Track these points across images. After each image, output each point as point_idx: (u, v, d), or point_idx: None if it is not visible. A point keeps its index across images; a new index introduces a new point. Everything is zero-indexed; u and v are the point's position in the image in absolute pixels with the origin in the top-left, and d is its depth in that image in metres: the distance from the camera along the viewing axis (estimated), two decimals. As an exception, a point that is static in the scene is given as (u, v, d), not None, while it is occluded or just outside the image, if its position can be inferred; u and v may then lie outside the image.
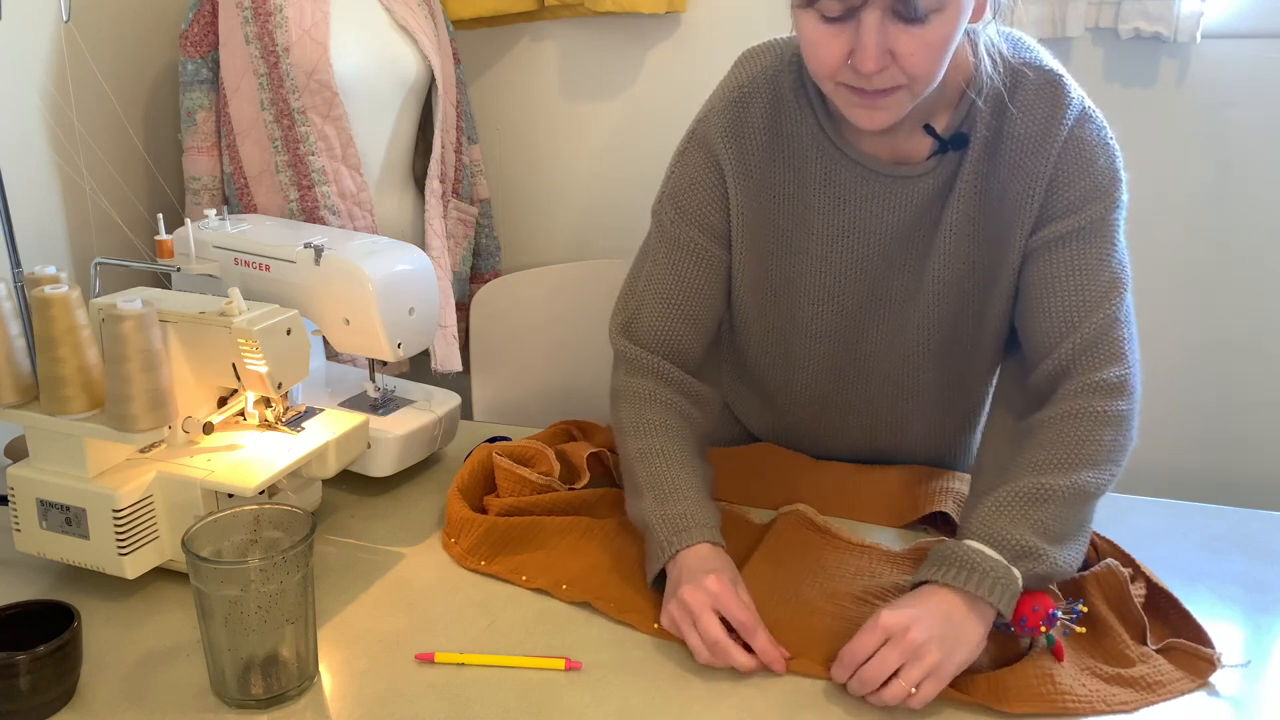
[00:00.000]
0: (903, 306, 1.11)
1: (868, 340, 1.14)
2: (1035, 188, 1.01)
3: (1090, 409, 0.97)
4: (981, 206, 1.05)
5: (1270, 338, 1.85)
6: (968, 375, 1.18)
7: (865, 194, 1.07)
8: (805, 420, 1.24)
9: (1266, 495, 1.90)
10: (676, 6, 1.89)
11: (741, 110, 1.08)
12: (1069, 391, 0.99)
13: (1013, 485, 0.94)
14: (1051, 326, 1.02)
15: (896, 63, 0.91)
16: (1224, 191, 1.81)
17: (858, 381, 1.18)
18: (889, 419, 1.21)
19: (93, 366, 0.95)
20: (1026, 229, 1.03)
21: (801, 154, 1.08)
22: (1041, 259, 1.03)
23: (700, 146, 1.10)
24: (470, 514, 1.09)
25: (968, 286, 1.09)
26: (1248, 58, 1.73)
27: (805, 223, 1.10)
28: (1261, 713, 0.87)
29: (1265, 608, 1.00)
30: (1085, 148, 1.00)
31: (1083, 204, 1.00)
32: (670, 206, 1.13)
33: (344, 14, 1.59)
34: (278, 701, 0.86)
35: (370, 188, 1.67)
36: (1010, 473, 0.97)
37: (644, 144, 2.02)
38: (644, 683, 0.89)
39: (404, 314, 1.18)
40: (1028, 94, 1.01)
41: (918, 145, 1.05)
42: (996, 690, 0.87)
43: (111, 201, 1.57)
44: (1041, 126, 1.00)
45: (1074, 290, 1.01)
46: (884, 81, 0.93)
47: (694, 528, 0.98)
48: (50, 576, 1.03)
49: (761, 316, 1.17)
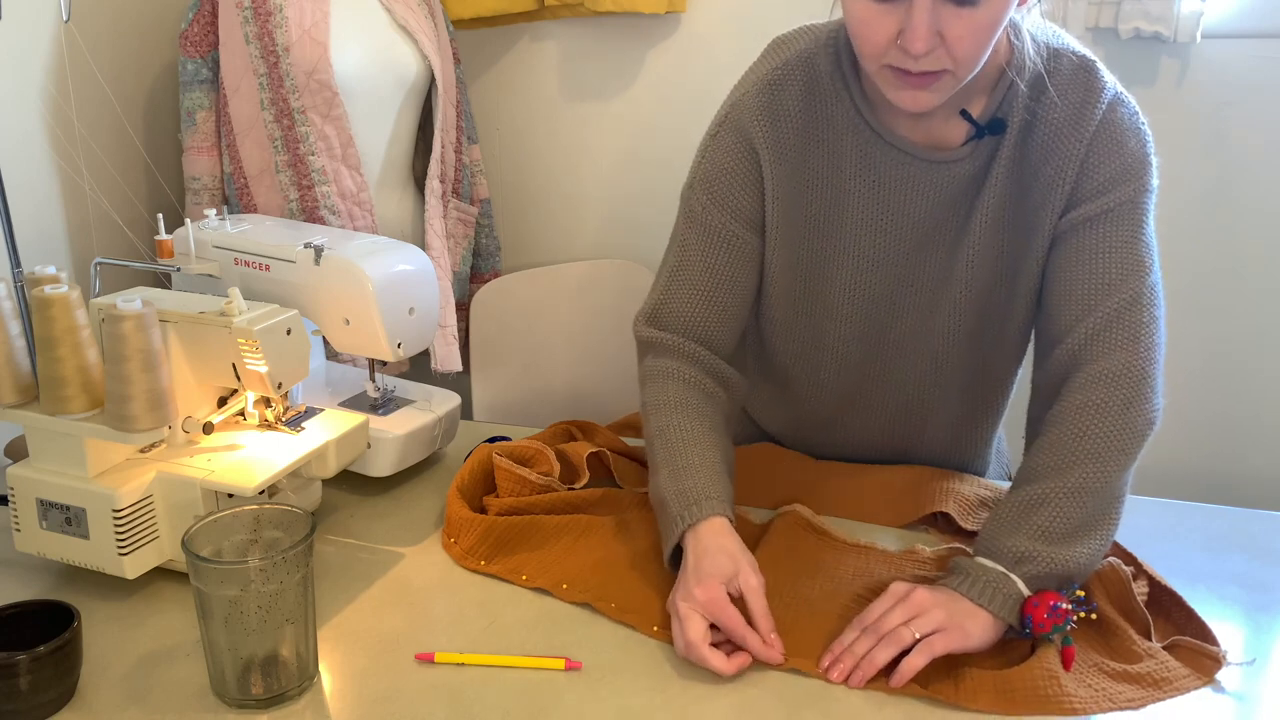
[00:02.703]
0: (932, 293, 1.11)
1: (896, 326, 1.13)
2: (1067, 170, 1.01)
3: (1091, 401, 0.97)
4: (1014, 192, 1.05)
5: (1271, 338, 1.85)
6: (993, 366, 1.17)
7: (900, 178, 1.06)
8: (826, 415, 1.23)
9: (1266, 495, 1.90)
10: (676, 6, 1.89)
11: (777, 93, 1.07)
12: (1075, 384, 0.99)
13: (1011, 497, 0.98)
14: (1069, 309, 1.02)
15: (944, 45, 0.92)
16: (1224, 191, 1.81)
17: (884, 369, 1.17)
18: (912, 411, 1.20)
19: (93, 366, 0.95)
20: (1056, 212, 1.03)
21: (837, 137, 1.07)
22: (1067, 242, 1.03)
23: (734, 130, 1.09)
24: (469, 514, 1.09)
25: (997, 272, 1.08)
26: (1248, 58, 1.73)
27: (839, 206, 1.09)
28: (1262, 711, 0.87)
29: (1265, 608, 1.00)
30: (1117, 131, 1.01)
31: (1112, 186, 1.01)
32: (702, 192, 1.10)
33: (344, 14, 1.59)
34: (278, 701, 0.86)
35: (370, 188, 1.66)
36: (1015, 481, 1.00)
37: (644, 144, 2.02)
38: (644, 683, 0.89)
39: (404, 314, 1.17)
40: (1063, 79, 1.01)
41: (954, 131, 1.04)
42: (1003, 693, 0.87)
43: (111, 201, 1.57)
44: (1075, 111, 1.00)
45: (1094, 273, 1.01)
46: (931, 64, 0.93)
47: (705, 500, 0.98)
48: (50, 576, 1.03)
49: (792, 301, 1.15)
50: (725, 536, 0.97)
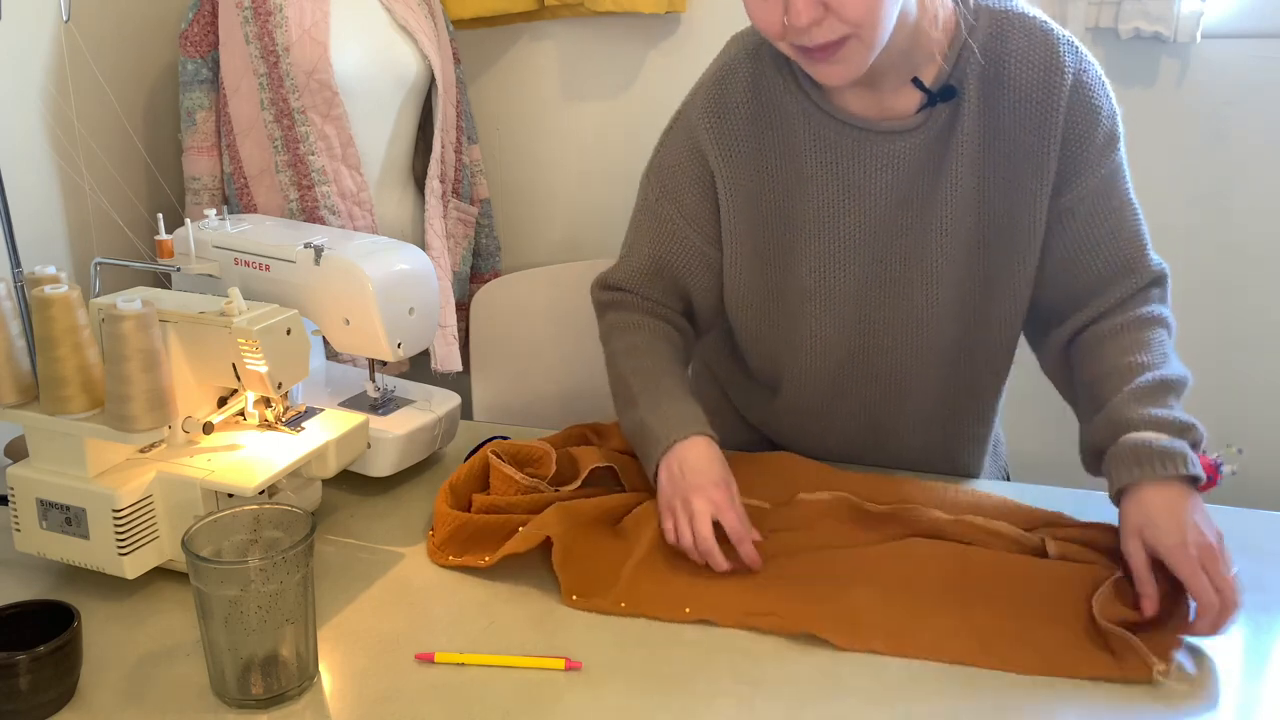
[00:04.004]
0: (907, 267, 1.10)
1: (872, 304, 1.13)
2: (1050, 139, 1.03)
3: (1156, 316, 1.08)
4: (988, 158, 1.05)
5: (1270, 337, 1.85)
6: (977, 347, 1.16)
7: (857, 154, 1.06)
8: (809, 406, 1.22)
9: (1266, 495, 1.90)
10: (676, 6, 1.89)
11: (723, 88, 1.09)
12: (1132, 311, 1.08)
13: (1136, 385, 1.01)
14: (1094, 281, 1.09)
15: (831, 13, 0.91)
16: (1224, 191, 1.81)
17: (865, 351, 1.16)
18: (897, 395, 1.19)
19: (93, 366, 0.95)
20: (1047, 185, 1.05)
21: (788, 122, 1.08)
22: (1074, 221, 1.07)
23: (683, 129, 1.12)
24: (445, 509, 1.09)
25: (976, 242, 1.09)
26: (1248, 58, 1.73)
27: (799, 190, 1.10)
28: (1262, 712, 0.87)
29: (1265, 608, 1.00)
30: (1091, 95, 1.03)
31: (1102, 156, 1.05)
32: (655, 182, 1.17)
33: (344, 14, 1.59)
34: (278, 701, 0.86)
35: (370, 187, 1.67)
36: (1125, 372, 1.03)
37: (644, 144, 2.00)
38: (644, 683, 0.89)
39: (404, 314, 1.18)
40: (1017, 40, 1.02)
41: (906, 100, 1.05)
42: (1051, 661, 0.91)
43: (111, 201, 1.57)
44: (1040, 74, 1.02)
45: (1111, 252, 1.09)
46: (826, 34, 0.93)
47: (690, 422, 1.06)
48: (50, 576, 1.03)
49: (764, 291, 1.16)
50: (713, 454, 1.05)
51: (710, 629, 0.96)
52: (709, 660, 0.92)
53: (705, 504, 1.01)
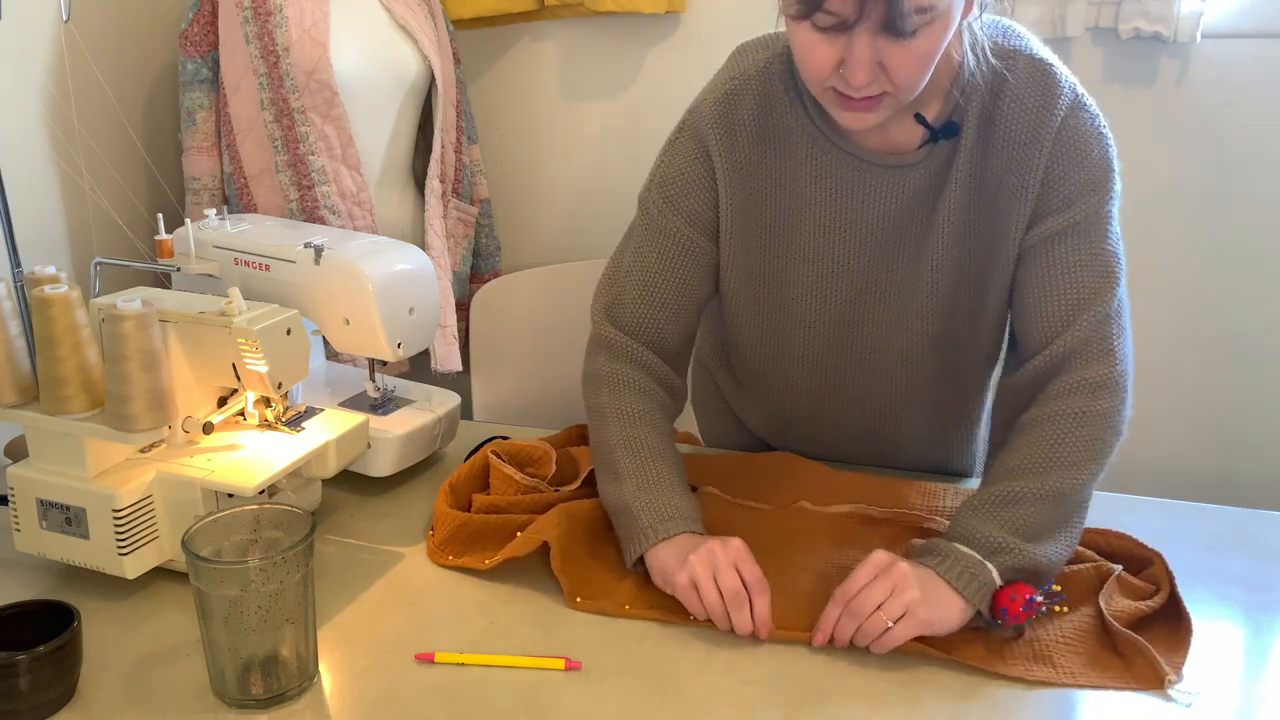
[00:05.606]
0: (898, 297, 1.11)
1: (864, 332, 1.14)
2: (1030, 180, 1.02)
3: (1070, 410, 0.99)
4: (977, 196, 1.05)
5: (1270, 337, 1.85)
6: (965, 368, 1.18)
7: (856, 184, 1.07)
8: (802, 413, 1.24)
9: (1266, 495, 1.90)
10: (676, 6, 1.89)
11: (733, 104, 1.08)
12: (1053, 391, 1.01)
13: (988, 489, 0.99)
14: (1045, 324, 1.03)
15: (885, 74, 0.93)
16: (1224, 191, 1.81)
17: (854, 373, 1.18)
18: (888, 412, 1.21)
19: (93, 366, 0.95)
20: (1023, 223, 1.04)
21: (792, 146, 1.08)
22: (1037, 256, 1.04)
23: (691, 137, 1.11)
24: (446, 509, 1.09)
25: (964, 277, 1.09)
26: (1248, 58, 1.73)
27: (796, 214, 1.10)
28: (1262, 712, 0.87)
29: (1265, 608, 1.00)
30: (1079, 139, 1.01)
31: (1077, 198, 1.01)
32: (658, 195, 1.14)
33: (344, 14, 1.59)
34: (278, 701, 0.86)
35: (370, 187, 1.67)
36: (990, 476, 1.01)
37: (644, 144, 2.01)
38: (644, 683, 0.89)
39: (404, 314, 1.18)
40: (1018, 82, 1.01)
41: (909, 135, 1.05)
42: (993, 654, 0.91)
43: (111, 201, 1.57)
44: (1034, 116, 1.01)
45: (1067, 288, 1.02)
46: (872, 90, 0.94)
47: (679, 518, 1.01)
48: (50, 576, 1.03)
49: (756, 308, 1.17)
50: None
51: (710, 629, 0.96)
52: (709, 660, 0.92)
53: (726, 554, 0.96)
